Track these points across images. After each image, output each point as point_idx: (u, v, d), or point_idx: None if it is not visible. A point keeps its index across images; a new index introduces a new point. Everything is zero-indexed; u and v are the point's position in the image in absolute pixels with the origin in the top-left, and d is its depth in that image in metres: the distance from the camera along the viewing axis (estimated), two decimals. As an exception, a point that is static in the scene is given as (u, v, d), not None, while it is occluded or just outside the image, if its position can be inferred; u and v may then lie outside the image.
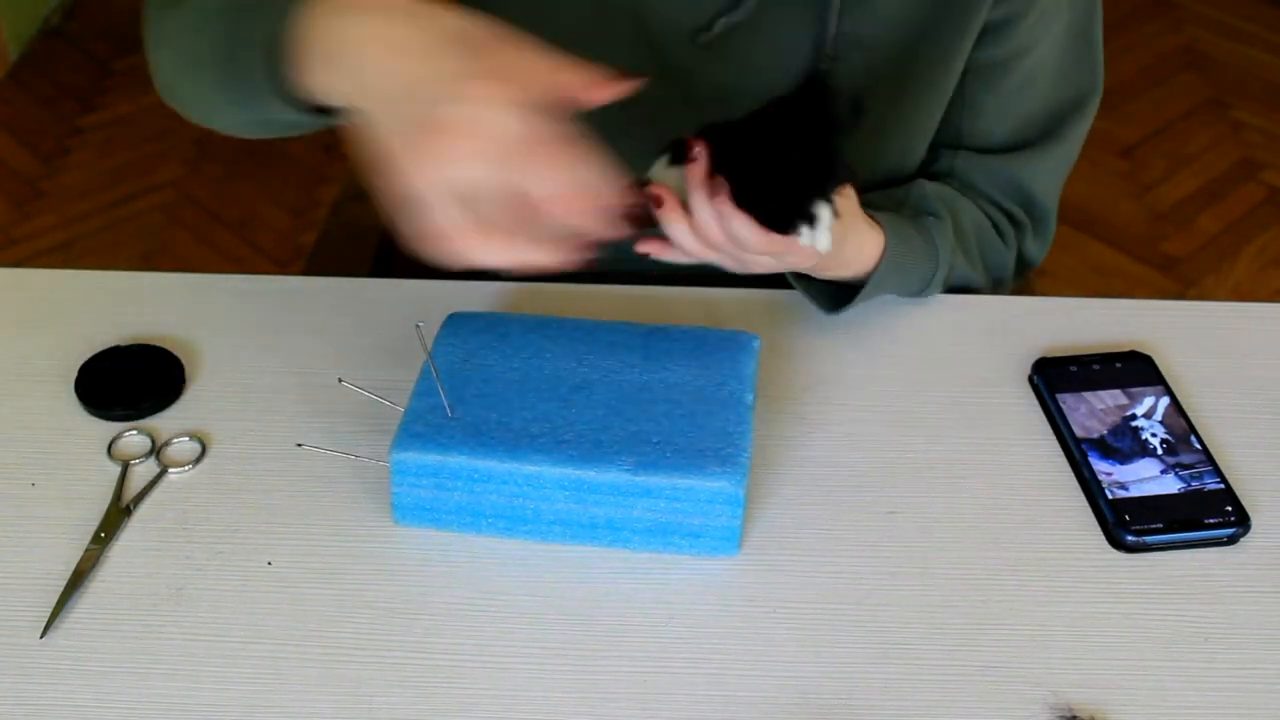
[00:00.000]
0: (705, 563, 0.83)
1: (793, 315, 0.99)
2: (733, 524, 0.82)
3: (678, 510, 0.81)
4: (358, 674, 0.77)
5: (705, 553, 0.83)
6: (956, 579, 0.82)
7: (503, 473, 0.81)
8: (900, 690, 0.77)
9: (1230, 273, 2.30)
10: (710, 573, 0.83)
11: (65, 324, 0.99)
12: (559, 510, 0.82)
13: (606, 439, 0.82)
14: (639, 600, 0.81)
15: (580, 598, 0.81)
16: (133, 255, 2.30)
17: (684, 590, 0.82)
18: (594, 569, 0.83)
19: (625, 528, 0.82)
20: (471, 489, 0.82)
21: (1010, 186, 1.07)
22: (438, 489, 0.82)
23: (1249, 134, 2.61)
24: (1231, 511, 0.86)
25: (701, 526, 0.82)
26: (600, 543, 0.83)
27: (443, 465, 0.81)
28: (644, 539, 0.83)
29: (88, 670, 0.77)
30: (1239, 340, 1.00)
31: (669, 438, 0.82)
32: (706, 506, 0.81)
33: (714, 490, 0.80)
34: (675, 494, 0.80)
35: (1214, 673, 0.78)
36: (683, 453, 0.81)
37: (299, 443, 0.88)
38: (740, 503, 0.81)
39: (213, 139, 2.58)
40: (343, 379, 0.91)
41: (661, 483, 0.80)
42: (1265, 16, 2.94)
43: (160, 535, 0.84)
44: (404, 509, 0.84)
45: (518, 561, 0.83)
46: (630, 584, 0.82)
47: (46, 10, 2.90)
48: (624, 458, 0.81)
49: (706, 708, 0.76)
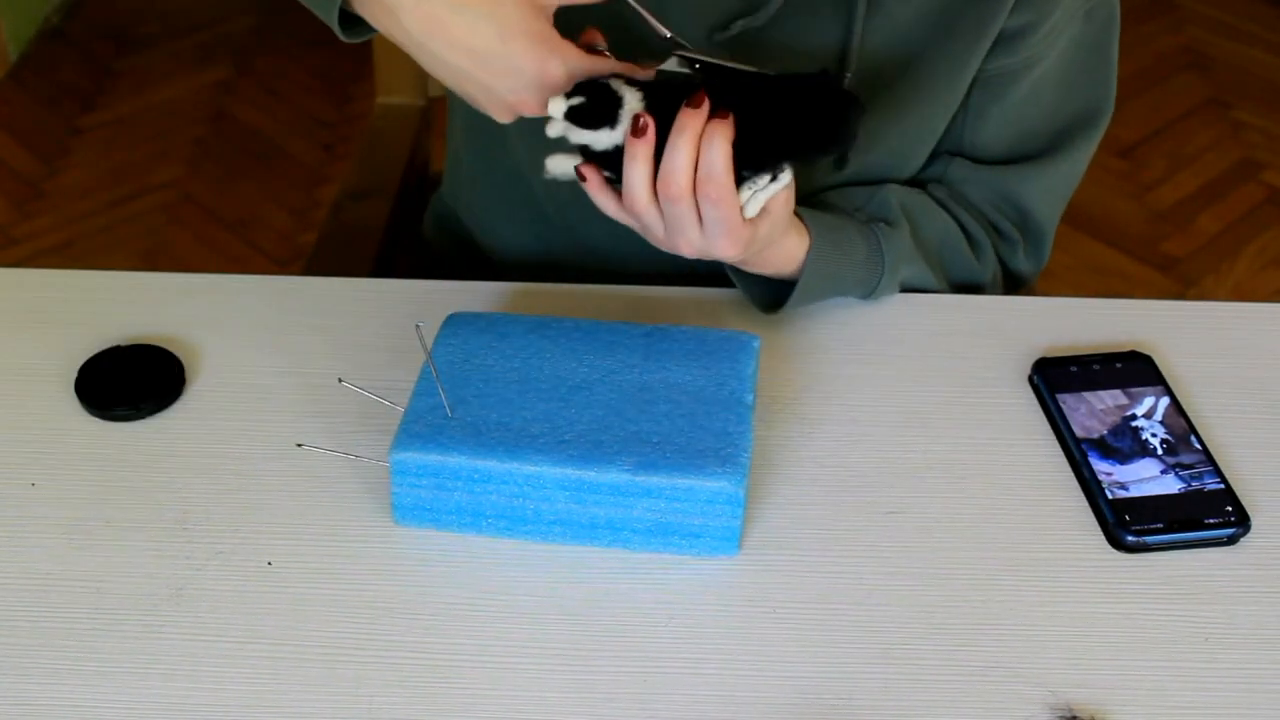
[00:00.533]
0: (705, 563, 0.83)
1: (793, 315, 0.99)
2: (733, 524, 0.82)
3: (678, 510, 0.81)
4: (357, 674, 0.77)
5: (705, 553, 0.83)
6: (956, 579, 0.82)
7: (503, 473, 0.81)
8: (900, 690, 0.77)
9: (1230, 273, 2.30)
10: (710, 573, 0.83)
11: (65, 324, 0.99)
12: (559, 510, 0.82)
13: (607, 439, 0.82)
14: (638, 600, 0.81)
15: (579, 598, 0.81)
16: (133, 255, 2.30)
17: (683, 590, 0.82)
18: (593, 569, 0.83)
19: (625, 528, 0.82)
20: (471, 489, 0.82)
21: (1002, 199, 1.05)
22: (438, 489, 0.82)
23: (1249, 134, 2.61)
24: (1231, 511, 0.86)
25: (702, 527, 0.82)
26: (600, 543, 0.83)
27: (443, 465, 0.81)
28: (644, 539, 0.83)
29: (87, 670, 0.77)
30: (1239, 340, 1.00)
31: (669, 438, 0.82)
32: (707, 507, 0.81)
33: (714, 490, 0.80)
34: (675, 494, 0.80)
35: (1214, 673, 0.78)
36: (683, 453, 0.81)
37: (299, 443, 0.88)
38: (740, 503, 0.81)
39: (213, 139, 2.59)
40: (342, 379, 0.91)
41: (661, 483, 0.80)
42: (1265, 16, 2.94)
43: (160, 535, 0.84)
44: (404, 509, 0.84)
45: (517, 561, 0.83)
46: (629, 584, 0.82)
47: (46, 10, 2.90)
48: (624, 458, 0.81)
49: (706, 708, 0.76)
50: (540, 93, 0.80)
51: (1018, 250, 1.07)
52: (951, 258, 1.05)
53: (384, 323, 0.99)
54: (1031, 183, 1.04)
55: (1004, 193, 1.05)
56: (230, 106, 2.65)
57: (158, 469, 0.88)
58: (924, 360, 0.97)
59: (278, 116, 2.60)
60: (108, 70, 2.78)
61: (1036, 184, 1.05)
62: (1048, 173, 1.04)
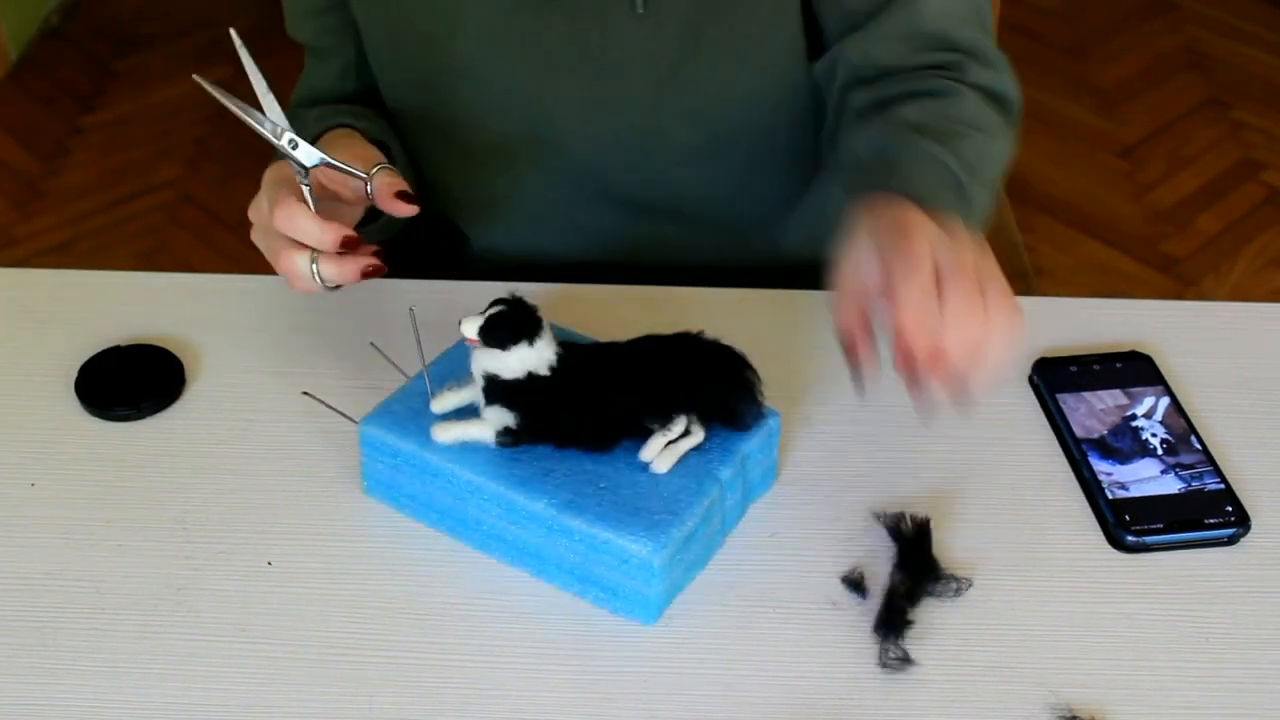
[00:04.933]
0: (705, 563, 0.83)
1: (793, 315, 0.99)
2: (646, 591, 0.78)
3: (596, 561, 0.78)
4: (357, 674, 0.77)
5: (621, 612, 0.79)
6: (956, 579, 0.82)
7: (447, 472, 0.81)
8: (900, 690, 0.77)
9: (1230, 273, 2.30)
10: (710, 572, 0.82)
11: (65, 324, 0.99)
12: (495, 526, 0.81)
13: (559, 470, 0.80)
14: (639, 600, 0.81)
15: (579, 598, 0.81)
16: (133, 255, 2.30)
17: (683, 590, 0.81)
18: (594, 569, 0.82)
19: (551, 562, 0.80)
20: (423, 479, 0.82)
21: (912, 41, 0.98)
22: (395, 470, 0.83)
23: (1249, 134, 2.61)
24: (1231, 511, 0.86)
25: (617, 585, 0.78)
26: (529, 569, 0.81)
27: (398, 449, 0.82)
28: (567, 579, 0.80)
29: (87, 670, 0.77)
30: (1239, 340, 1.00)
31: (616, 486, 0.79)
32: (621, 566, 0.77)
33: (629, 552, 0.77)
34: (593, 544, 0.78)
35: (1214, 673, 0.78)
36: (619, 506, 0.78)
37: (304, 390, 0.90)
38: (654, 572, 0.77)
39: (213, 139, 2.59)
40: (373, 342, 0.91)
41: (581, 528, 0.78)
42: (1265, 16, 2.94)
43: (160, 535, 0.84)
44: (371, 481, 0.85)
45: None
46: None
47: (46, 10, 2.90)
48: (560, 493, 0.79)
49: (706, 708, 0.76)
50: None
51: (971, 70, 0.98)
52: (929, 107, 0.96)
53: (383, 323, 0.99)
54: (920, 10, 0.97)
55: (907, 34, 0.97)
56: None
57: (158, 469, 0.88)
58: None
59: (278, 116, 2.59)
60: (108, 70, 2.78)
61: (925, 8, 0.97)
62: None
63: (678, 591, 0.80)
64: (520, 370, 0.79)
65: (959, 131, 0.93)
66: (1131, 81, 2.71)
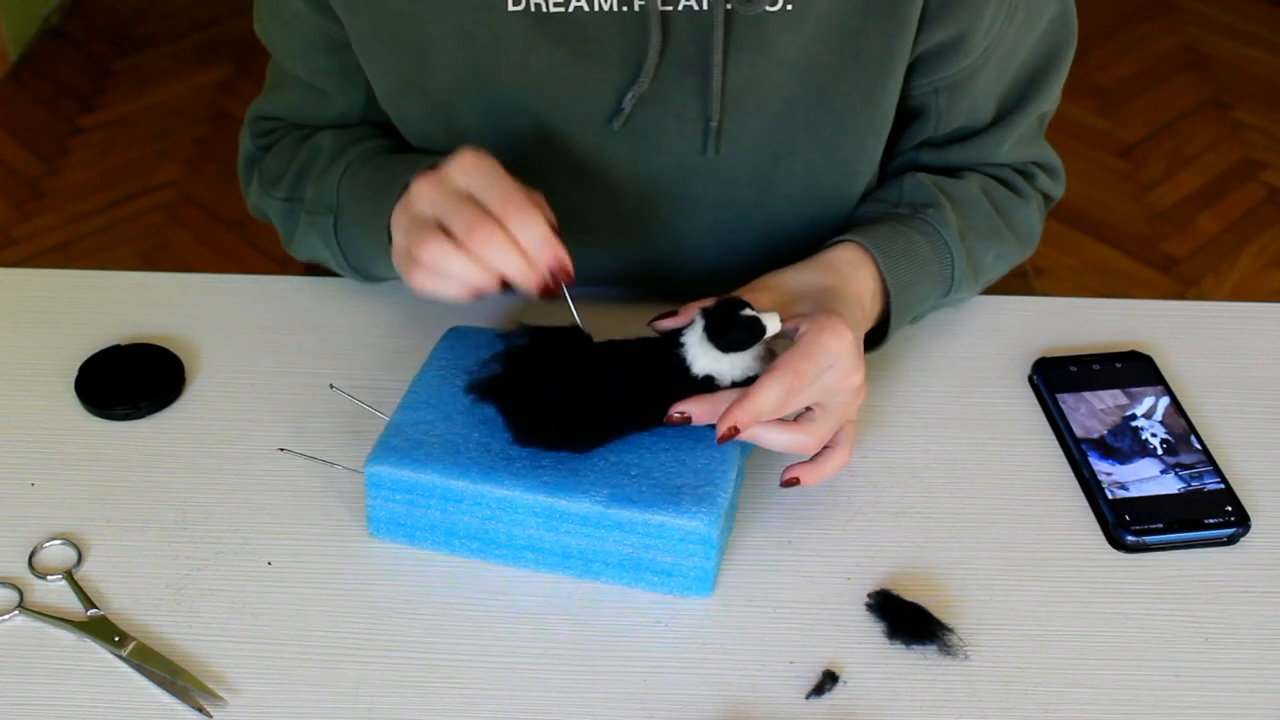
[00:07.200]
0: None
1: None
2: (705, 565, 0.79)
3: (649, 546, 0.79)
4: (357, 674, 0.77)
5: (677, 592, 0.80)
6: (956, 579, 0.82)
7: (474, 494, 0.80)
8: (900, 690, 0.77)
9: (1230, 273, 2.30)
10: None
11: (65, 324, 0.99)
12: (531, 536, 0.81)
13: (585, 467, 0.80)
14: (638, 600, 0.81)
15: (579, 598, 0.81)
16: (133, 255, 2.30)
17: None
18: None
19: (597, 559, 0.80)
20: (445, 508, 0.81)
21: (987, 165, 1.00)
22: (411, 505, 0.81)
23: (1249, 134, 2.61)
24: (1231, 511, 0.86)
25: (673, 565, 0.79)
26: (572, 573, 0.81)
27: (416, 482, 0.80)
28: (616, 572, 0.81)
29: (87, 670, 0.77)
30: (1239, 340, 1.00)
31: (649, 471, 0.80)
32: (678, 545, 0.79)
33: (686, 529, 0.78)
34: (647, 530, 0.78)
35: (1214, 673, 0.78)
36: (659, 488, 0.79)
37: (281, 447, 0.88)
38: (713, 544, 0.78)
39: (213, 139, 2.59)
40: (334, 384, 0.91)
41: (633, 517, 0.78)
42: (1265, 16, 2.94)
43: (160, 535, 0.84)
44: (378, 523, 0.83)
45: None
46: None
47: (46, 10, 2.90)
48: (599, 489, 0.79)
49: (706, 708, 0.76)
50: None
51: (1039, 179, 1.04)
52: (1005, 207, 0.99)
53: (383, 324, 0.99)
54: (1017, 131, 0.99)
55: (1004, 150, 1.00)
56: (230, 106, 2.65)
57: (158, 469, 0.88)
58: (924, 360, 0.97)
59: (278, 116, 2.59)
60: (108, 70, 2.78)
61: (1023, 130, 1.00)
62: (1026, 117, 0.99)
63: (722, 558, 0.81)
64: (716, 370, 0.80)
65: (998, 231, 0.98)
66: (1131, 81, 2.71)
